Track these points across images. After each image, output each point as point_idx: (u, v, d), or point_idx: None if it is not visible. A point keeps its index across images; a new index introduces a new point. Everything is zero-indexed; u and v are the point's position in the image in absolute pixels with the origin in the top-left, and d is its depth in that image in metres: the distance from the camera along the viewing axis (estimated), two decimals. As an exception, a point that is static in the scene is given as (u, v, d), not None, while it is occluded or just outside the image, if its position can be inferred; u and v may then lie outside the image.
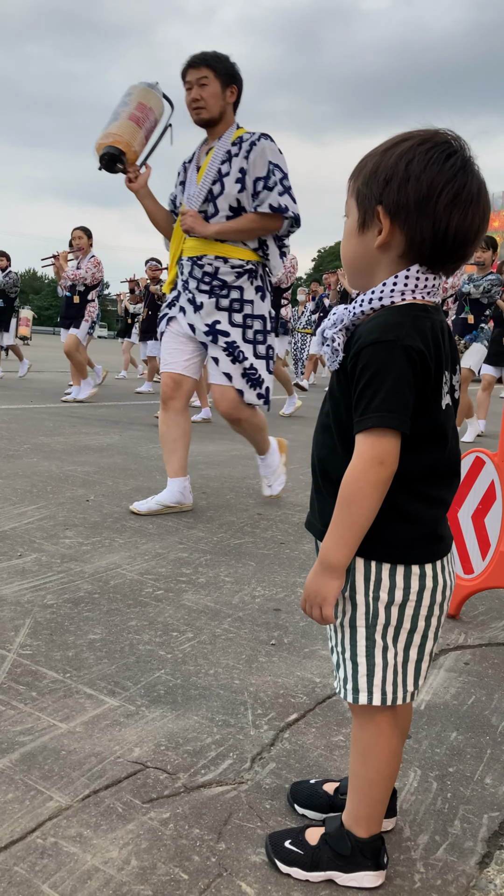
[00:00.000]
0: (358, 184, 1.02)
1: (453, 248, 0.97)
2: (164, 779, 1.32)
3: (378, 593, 1.01)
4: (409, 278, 0.99)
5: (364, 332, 0.98)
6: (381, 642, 1.02)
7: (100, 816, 1.20)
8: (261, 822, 1.22)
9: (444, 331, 1.00)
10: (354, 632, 1.04)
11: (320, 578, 1.01)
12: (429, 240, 0.97)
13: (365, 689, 1.03)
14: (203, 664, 1.78)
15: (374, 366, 0.94)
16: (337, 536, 0.99)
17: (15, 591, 2.17)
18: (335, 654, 1.08)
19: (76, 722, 1.48)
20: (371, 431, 0.95)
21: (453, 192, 0.94)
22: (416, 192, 0.95)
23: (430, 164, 0.95)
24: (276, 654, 1.87)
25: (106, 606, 2.09)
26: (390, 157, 0.98)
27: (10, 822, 1.17)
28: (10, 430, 5.21)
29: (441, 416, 0.99)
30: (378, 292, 1.00)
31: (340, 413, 1.02)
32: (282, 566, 2.58)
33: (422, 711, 1.63)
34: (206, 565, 2.53)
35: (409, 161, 0.96)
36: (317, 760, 1.41)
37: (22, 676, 1.65)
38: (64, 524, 2.92)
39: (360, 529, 0.98)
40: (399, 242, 0.99)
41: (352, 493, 0.97)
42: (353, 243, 1.05)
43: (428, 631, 1.04)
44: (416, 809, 1.29)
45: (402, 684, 1.03)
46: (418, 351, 0.94)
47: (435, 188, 0.94)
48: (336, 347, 1.02)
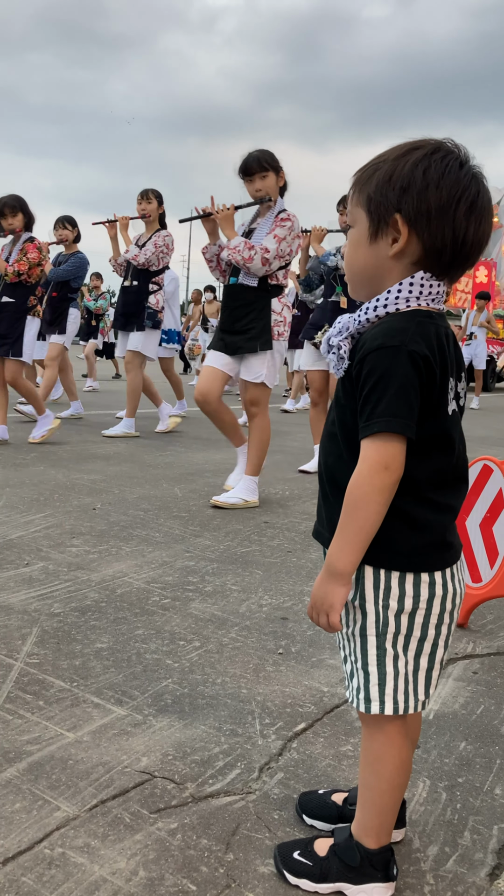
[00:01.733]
0: (368, 191, 1.01)
1: (468, 255, 0.98)
2: (171, 789, 1.31)
3: (388, 601, 1.01)
4: (413, 285, 0.99)
5: (369, 338, 0.98)
6: (392, 651, 1.02)
7: (107, 826, 1.20)
8: (269, 833, 1.21)
9: (448, 337, 1.00)
10: (365, 641, 1.03)
11: (327, 585, 1.01)
12: (449, 247, 0.97)
13: (377, 699, 1.03)
14: (210, 673, 1.77)
15: (378, 371, 0.95)
16: (343, 542, 0.99)
17: (22, 599, 2.17)
18: (349, 664, 1.07)
19: (83, 731, 1.47)
20: (376, 436, 0.95)
21: (470, 200, 0.96)
22: (436, 199, 0.96)
23: (447, 172, 0.96)
24: (283, 664, 1.86)
25: (113, 615, 2.09)
26: (404, 164, 0.98)
27: (17, 831, 1.17)
28: (17, 439, 5.21)
29: (447, 422, 0.99)
30: (383, 299, 1.00)
31: (346, 420, 1.01)
32: (289, 575, 2.58)
33: (430, 721, 1.62)
34: (212, 574, 2.53)
35: (425, 168, 0.96)
36: (325, 770, 1.40)
37: (29, 685, 1.65)
38: (71, 532, 2.92)
39: (366, 535, 0.98)
40: (414, 250, 0.99)
41: (357, 499, 0.97)
42: (362, 252, 1.04)
43: (438, 639, 1.03)
44: (425, 820, 1.28)
45: (413, 693, 1.03)
46: (423, 356, 0.94)
47: (454, 196, 0.95)
48: (342, 355, 1.02)
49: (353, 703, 1.06)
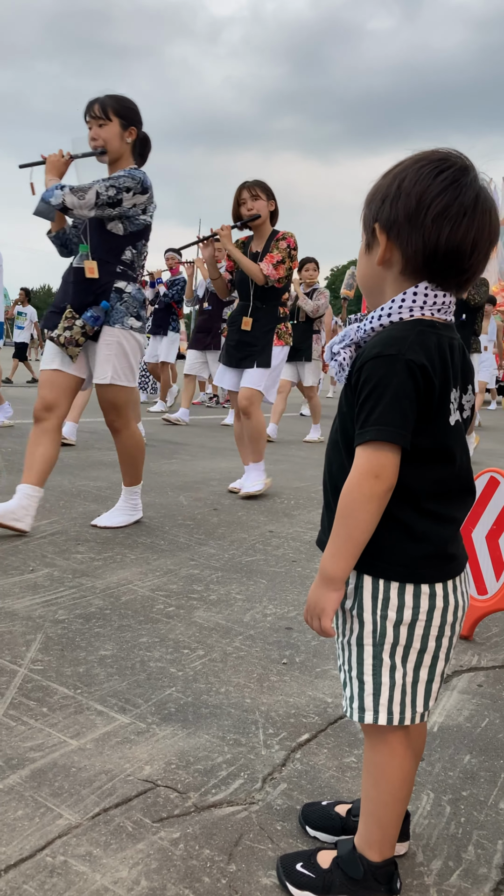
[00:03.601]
0: (364, 207, 1.06)
1: (446, 261, 0.98)
2: (174, 798, 1.31)
3: (386, 612, 1.01)
4: (416, 295, 0.99)
5: (368, 346, 0.99)
6: (389, 661, 1.02)
7: (109, 835, 1.19)
8: (272, 844, 1.21)
9: (453, 348, 1.00)
10: (361, 650, 1.03)
11: (319, 590, 1.02)
12: (420, 252, 0.98)
13: (371, 709, 1.02)
14: (214, 682, 1.77)
15: (374, 379, 0.95)
16: (334, 549, 1.00)
17: (27, 605, 2.17)
18: (343, 673, 1.07)
19: (87, 739, 1.47)
20: (368, 444, 0.96)
21: (442, 206, 0.95)
22: (405, 207, 0.97)
23: (419, 180, 0.97)
24: (287, 674, 1.85)
25: (117, 622, 2.09)
26: (388, 177, 1.01)
27: (19, 839, 1.17)
28: (23, 445, 5.22)
29: (448, 433, 0.99)
30: (387, 309, 1.01)
31: (347, 428, 1.02)
32: (293, 584, 2.57)
33: (435, 734, 1.61)
34: (217, 582, 2.52)
35: (402, 179, 0.99)
36: (328, 782, 1.40)
37: (33, 692, 1.65)
38: (76, 539, 2.92)
39: (356, 542, 0.98)
40: (397, 258, 1.01)
41: (347, 506, 0.97)
42: (362, 264, 1.08)
43: (439, 652, 1.03)
44: (429, 834, 1.27)
45: (412, 705, 1.02)
46: (420, 365, 0.94)
47: (423, 202, 0.96)
48: (342, 363, 1.03)
49: (347, 713, 1.06)
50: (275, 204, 4.00)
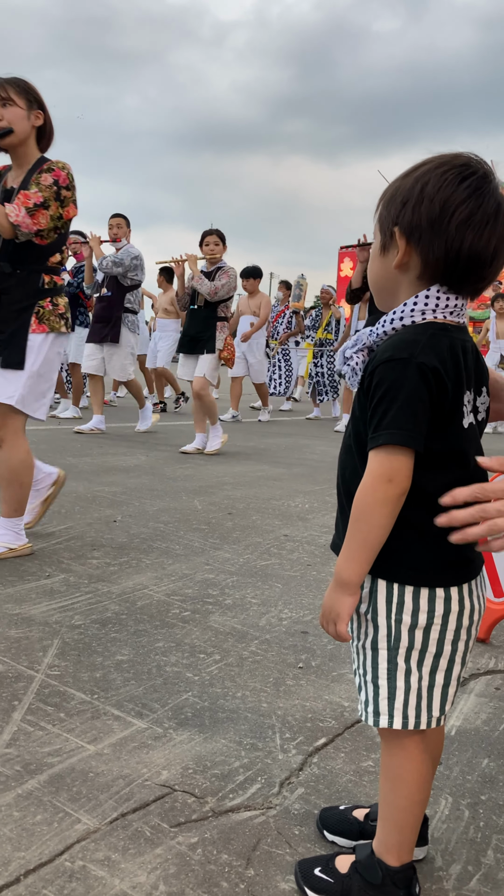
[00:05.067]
0: (380, 208, 1.05)
1: (468, 268, 0.98)
2: (192, 802, 1.31)
3: (401, 616, 1.01)
4: (429, 298, 0.99)
5: (380, 350, 0.99)
6: (405, 666, 1.01)
7: (128, 840, 1.20)
8: (290, 849, 1.21)
9: (466, 350, 1.00)
10: (376, 654, 1.03)
11: (334, 595, 1.02)
12: (441, 259, 0.98)
13: (386, 713, 1.02)
14: (230, 687, 1.77)
15: (386, 383, 0.95)
16: (348, 553, 0.99)
17: (43, 611, 2.18)
18: (357, 677, 1.07)
19: (104, 744, 1.48)
20: (382, 448, 0.95)
21: (467, 213, 0.95)
22: (429, 212, 0.97)
23: (444, 185, 0.96)
24: (303, 678, 1.85)
25: (133, 627, 2.10)
26: (409, 180, 1.00)
27: (38, 844, 1.17)
28: (38, 452, 5.26)
29: (462, 436, 0.99)
30: (399, 312, 1.01)
31: (361, 432, 1.02)
32: (308, 588, 2.57)
33: (452, 737, 1.60)
34: (232, 587, 2.53)
35: (424, 183, 0.98)
36: (346, 786, 1.40)
37: (50, 697, 1.66)
38: (92, 545, 2.94)
39: (370, 547, 0.98)
40: (416, 263, 1.01)
41: (361, 510, 0.97)
42: (376, 265, 1.08)
43: (455, 656, 1.02)
44: (447, 838, 1.27)
45: (427, 709, 1.02)
46: (432, 368, 0.94)
47: (448, 209, 0.96)
48: (355, 368, 1.03)
49: (362, 717, 1.05)
50: (43, 117, 2.75)
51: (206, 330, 5.79)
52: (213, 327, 5.79)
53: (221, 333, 5.83)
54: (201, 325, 5.81)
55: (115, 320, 6.51)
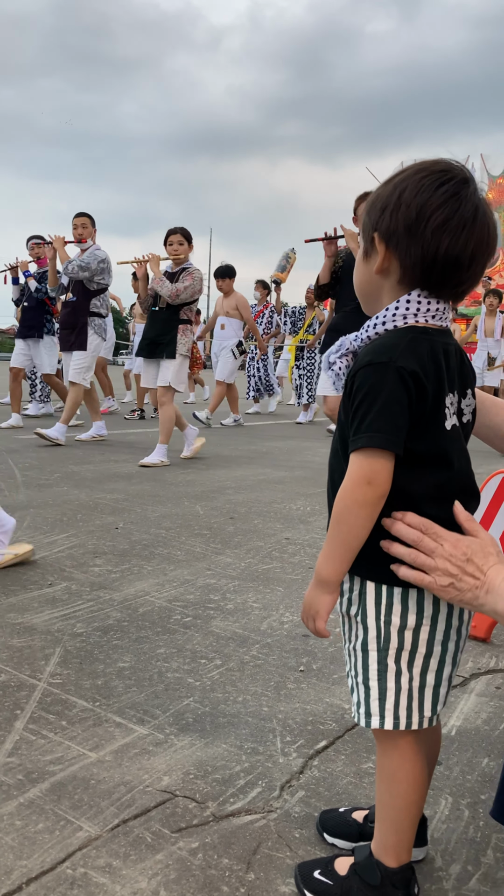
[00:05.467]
0: (364, 215, 1.07)
1: (444, 272, 0.99)
2: (192, 808, 1.32)
3: (390, 617, 1.01)
4: (410, 303, 1.01)
5: (361, 355, 1.01)
6: (395, 666, 1.02)
7: (129, 846, 1.21)
8: (290, 852, 1.21)
9: (449, 353, 1.01)
10: (366, 655, 1.04)
11: (313, 592, 1.04)
12: (419, 264, 0.99)
13: (377, 714, 1.03)
14: (231, 691, 1.78)
15: (365, 387, 0.96)
16: (328, 553, 1.01)
17: (45, 619, 2.19)
18: (350, 679, 1.08)
19: (105, 751, 1.49)
20: (361, 451, 0.97)
21: (443, 217, 0.96)
22: (406, 217, 0.98)
23: (421, 191, 0.98)
24: (304, 681, 1.86)
25: (135, 634, 2.11)
26: (388, 187, 1.02)
27: (40, 852, 1.18)
28: (40, 460, 5.28)
29: (443, 438, 1.00)
30: (381, 317, 1.02)
31: (346, 436, 1.03)
32: (310, 591, 2.57)
33: (452, 737, 1.61)
34: (234, 591, 2.54)
35: (403, 190, 1.00)
36: (346, 788, 1.40)
37: (52, 705, 1.67)
38: (93, 552, 2.95)
39: (349, 548, 0.99)
40: (396, 268, 1.02)
41: (341, 512, 0.99)
42: (359, 270, 1.09)
43: (445, 656, 1.03)
44: (447, 838, 1.27)
45: (419, 710, 1.03)
46: (411, 372, 0.95)
47: (424, 214, 0.97)
48: (338, 372, 1.05)
49: (355, 718, 1.06)
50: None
51: (166, 333, 5.45)
52: (175, 330, 5.44)
53: (185, 337, 5.47)
54: (161, 328, 5.48)
55: (80, 326, 6.22)
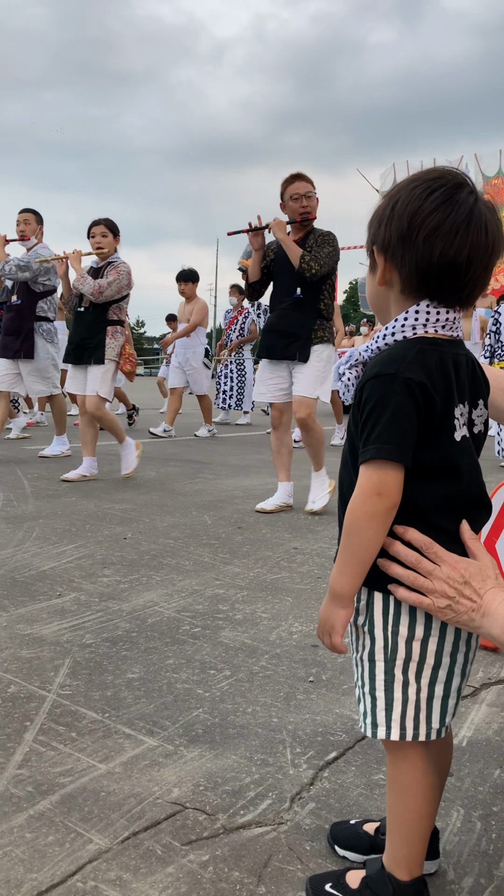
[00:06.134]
0: (366, 230, 1.08)
1: (441, 278, 0.99)
2: (203, 820, 1.31)
3: (397, 628, 1.01)
4: (419, 313, 1.01)
5: (369, 366, 1.01)
6: (402, 677, 1.02)
7: (139, 859, 1.20)
8: (301, 865, 1.21)
9: (458, 364, 1.01)
10: (373, 665, 1.03)
11: (329, 607, 1.03)
12: (414, 272, 1.00)
13: (383, 724, 1.02)
14: (241, 702, 1.77)
15: (374, 398, 0.97)
16: (341, 567, 1.01)
17: (54, 630, 2.19)
18: (357, 689, 1.07)
19: (115, 762, 1.48)
20: (370, 463, 0.97)
21: (434, 224, 0.97)
22: (398, 228, 0.99)
23: (412, 200, 0.99)
24: (314, 692, 1.85)
25: (144, 645, 2.10)
26: (384, 200, 1.04)
27: (50, 865, 1.18)
28: (49, 470, 5.29)
29: (453, 449, 0.99)
30: (391, 328, 1.02)
31: (356, 447, 1.03)
32: (319, 601, 2.57)
33: (463, 748, 1.60)
34: (242, 601, 2.53)
35: (396, 201, 1.01)
36: (357, 800, 1.39)
37: (62, 717, 1.67)
38: (102, 563, 2.95)
39: (361, 560, 0.99)
40: (396, 279, 1.03)
41: (351, 524, 0.99)
42: (368, 284, 1.11)
43: (454, 667, 1.03)
44: (459, 851, 1.26)
45: (427, 721, 1.02)
46: (419, 383, 0.95)
47: (415, 222, 0.98)
48: (347, 383, 1.06)
49: (362, 729, 1.06)
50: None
51: (92, 336, 4.95)
52: (102, 333, 4.94)
53: (114, 340, 4.97)
54: (87, 331, 4.97)
55: (26, 332, 5.63)
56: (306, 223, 4.11)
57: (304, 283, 4.01)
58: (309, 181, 4.09)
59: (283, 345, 4.07)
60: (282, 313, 4.11)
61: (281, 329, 4.10)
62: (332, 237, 4.09)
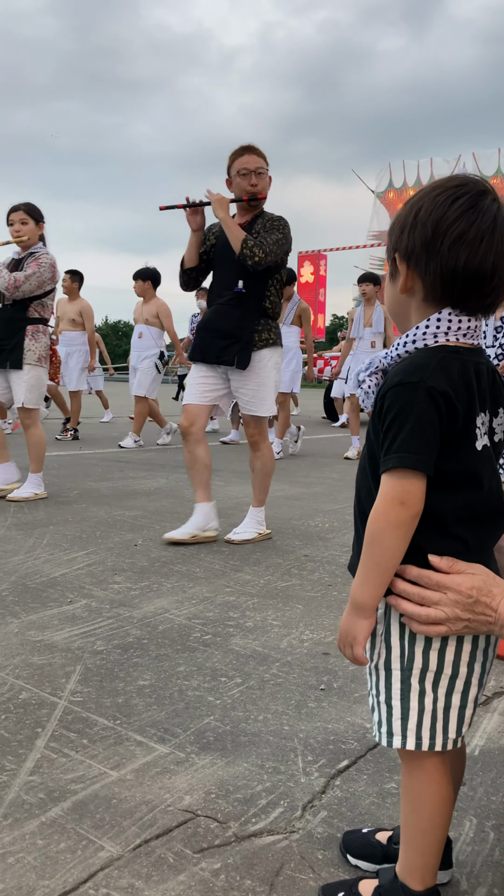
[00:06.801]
0: (387, 238, 1.08)
1: (466, 286, 0.99)
2: (214, 828, 1.31)
3: (414, 637, 1.01)
4: (440, 321, 1.00)
5: (391, 374, 1.00)
6: (419, 687, 1.01)
7: (151, 867, 1.20)
8: (313, 874, 1.20)
9: (480, 372, 1.01)
10: (389, 674, 1.03)
11: (350, 618, 1.03)
12: (438, 279, 0.99)
13: (399, 733, 1.02)
14: (252, 710, 1.77)
15: (396, 407, 0.96)
16: (363, 576, 1.00)
17: (65, 637, 2.20)
18: (371, 698, 1.07)
19: (127, 770, 1.48)
20: (393, 472, 0.96)
21: (458, 231, 0.97)
22: (422, 235, 0.99)
23: (436, 207, 0.99)
24: (325, 700, 1.85)
25: (155, 652, 2.11)
26: (406, 208, 1.04)
27: (62, 872, 1.18)
28: (59, 477, 5.31)
29: (475, 458, 0.99)
30: (412, 336, 1.02)
31: (375, 455, 1.03)
32: (329, 609, 2.56)
33: (476, 757, 1.59)
34: (253, 609, 2.53)
35: (419, 209, 1.01)
36: (369, 808, 1.39)
37: (73, 724, 1.67)
38: (113, 569, 2.96)
39: (384, 570, 0.99)
40: (419, 286, 1.03)
41: (374, 533, 0.98)
42: (388, 292, 1.10)
43: (471, 677, 1.02)
44: (472, 861, 1.26)
45: (443, 731, 1.02)
46: (442, 392, 0.95)
47: (439, 229, 0.98)
48: (367, 391, 1.05)
49: (376, 737, 1.05)
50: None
51: (9, 336, 4.35)
52: (21, 333, 4.36)
53: (35, 342, 4.39)
54: (4, 331, 4.36)
55: None
56: (255, 204, 3.48)
57: (248, 274, 3.40)
58: (261, 155, 3.45)
59: (219, 347, 3.45)
60: (220, 309, 3.49)
61: (218, 328, 3.47)
62: (283, 223, 3.47)
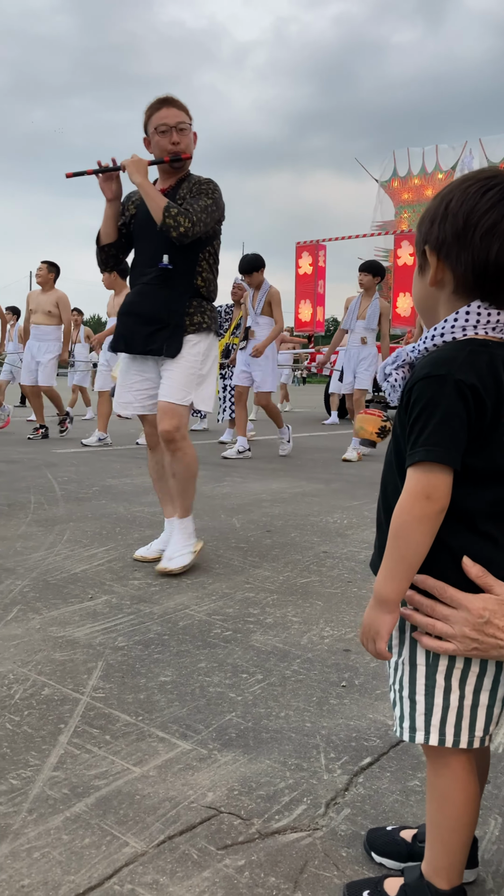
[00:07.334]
0: (416, 231, 1.07)
1: (497, 278, 0.98)
2: (238, 824, 1.31)
3: None
4: (469, 314, 0.99)
5: (418, 367, 0.99)
6: (444, 683, 1.00)
7: (175, 863, 1.20)
8: (337, 871, 1.20)
9: None
10: (414, 669, 1.02)
11: (373, 613, 1.02)
12: (470, 271, 0.98)
13: (422, 728, 1.01)
14: (274, 707, 1.77)
15: (423, 400, 0.95)
16: (387, 571, 0.99)
17: (87, 633, 2.21)
18: (393, 693, 1.06)
19: (149, 766, 1.49)
20: (419, 465, 0.95)
21: (490, 223, 0.96)
22: (453, 226, 0.99)
23: (467, 199, 0.98)
24: (347, 696, 1.84)
25: (175, 648, 2.11)
26: (436, 200, 1.03)
27: (87, 867, 1.18)
28: (79, 474, 5.33)
29: (501, 453, 0.98)
30: (440, 329, 1.01)
31: (401, 450, 1.02)
32: (349, 605, 2.55)
33: (500, 755, 1.58)
34: (273, 605, 2.53)
35: (449, 200, 1.00)
36: (392, 806, 1.38)
37: (95, 720, 1.67)
38: (133, 565, 2.96)
39: (408, 564, 0.98)
40: (449, 279, 1.02)
41: (399, 527, 0.97)
42: (416, 285, 1.09)
43: (500, 675, 1.01)
44: (498, 860, 1.25)
45: (469, 728, 1.01)
46: (470, 385, 0.94)
47: (471, 221, 0.97)
48: (394, 384, 1.04)
49: (397, 733, 1.05)
50: None
51: None
52: None
53: None
54: None
55: None
56: (178, 165, 2.94)
57: (175, 248, 2.87)
58: (183, 108, 2.91)
59: (144, 334, 2.94)
60: (144, 290, 2.97)
61: (142, 312, 2.95)
62: (212, 186, 2.95)
